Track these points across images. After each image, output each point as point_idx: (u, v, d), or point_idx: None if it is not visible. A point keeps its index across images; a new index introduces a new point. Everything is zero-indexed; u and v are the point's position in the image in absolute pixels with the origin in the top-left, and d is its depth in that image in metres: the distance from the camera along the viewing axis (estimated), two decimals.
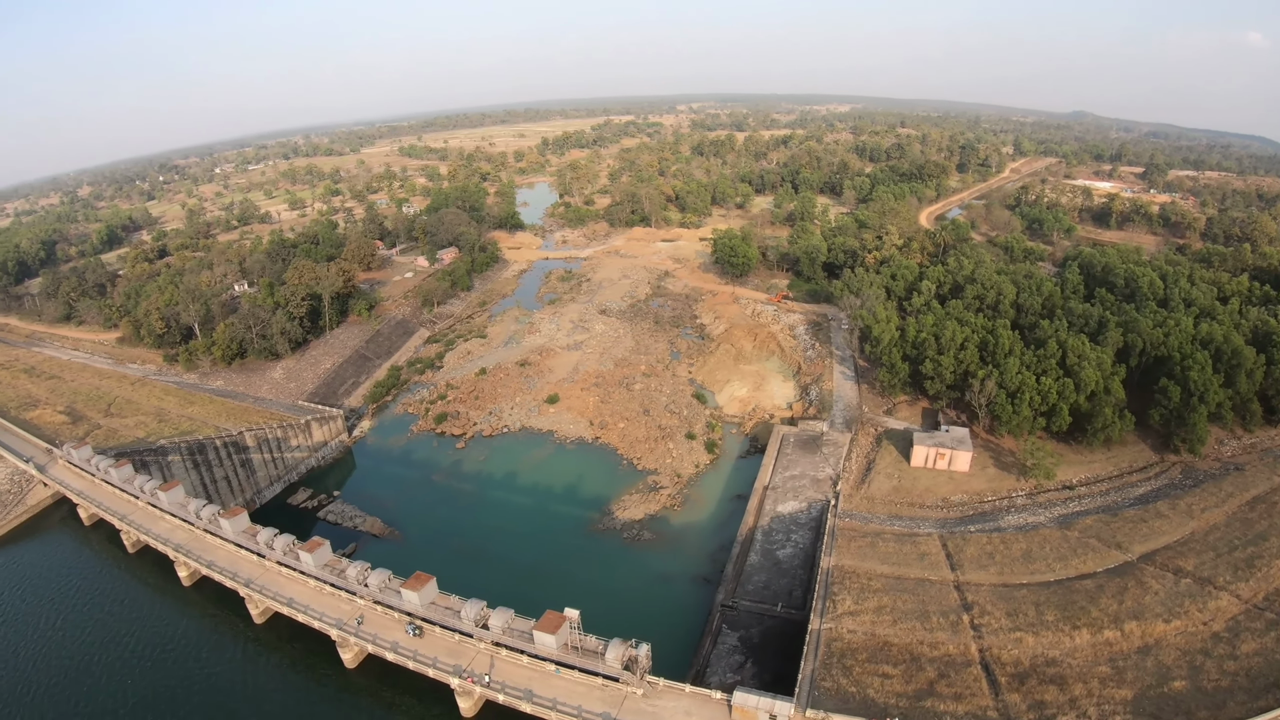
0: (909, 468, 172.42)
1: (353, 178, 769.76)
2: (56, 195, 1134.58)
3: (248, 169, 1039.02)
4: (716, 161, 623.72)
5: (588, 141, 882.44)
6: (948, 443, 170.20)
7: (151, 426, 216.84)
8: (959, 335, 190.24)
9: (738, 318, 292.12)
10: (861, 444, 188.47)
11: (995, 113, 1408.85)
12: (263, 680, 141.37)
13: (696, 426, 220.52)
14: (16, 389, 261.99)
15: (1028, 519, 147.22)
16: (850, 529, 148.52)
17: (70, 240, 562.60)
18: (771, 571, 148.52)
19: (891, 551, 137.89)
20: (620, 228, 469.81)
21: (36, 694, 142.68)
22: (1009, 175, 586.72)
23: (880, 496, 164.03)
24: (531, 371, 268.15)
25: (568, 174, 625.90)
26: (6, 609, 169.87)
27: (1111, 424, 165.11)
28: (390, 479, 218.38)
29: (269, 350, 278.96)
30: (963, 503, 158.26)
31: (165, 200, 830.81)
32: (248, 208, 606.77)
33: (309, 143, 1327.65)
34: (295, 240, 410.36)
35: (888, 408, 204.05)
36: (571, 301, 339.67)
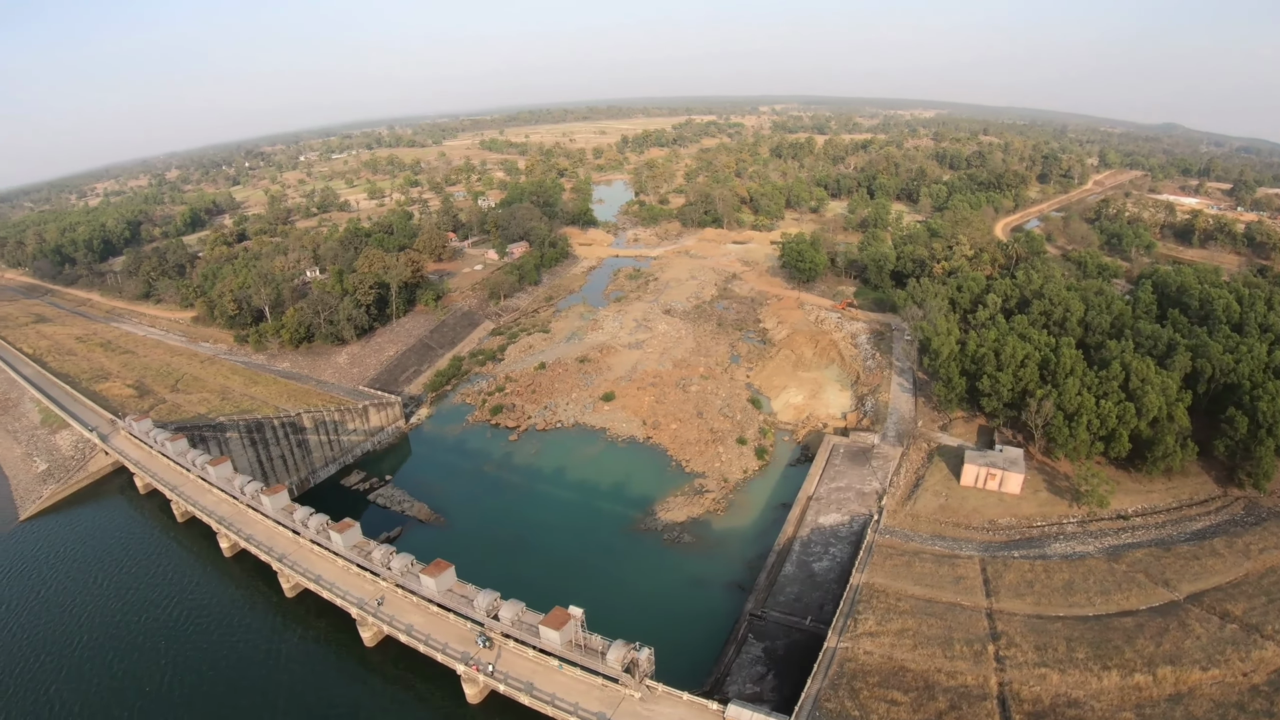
0: (958, 486, 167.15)
1: (432, 169, 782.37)
2: (145, 177, 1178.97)
3: (331, 158, 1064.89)
4: (794, 164, 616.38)
5: (667, 140, 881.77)
6: (1000, 463, 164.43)
7: (214, 404, 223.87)
8: (1019, 352, 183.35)
9: (800, 323, 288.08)
10: (912, 459, 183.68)
11: (1083, 122, 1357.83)
12: (287, 652, 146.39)
13: (749, 432, 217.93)
14: (91, 361, 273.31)
15: (1076, 547, 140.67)
16: (889, 546, 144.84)
17: (155, 221, 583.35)
18: (805, 584, 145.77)
19: (927, 572, 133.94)
20: (692, 228, 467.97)
21: (80, 646, 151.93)
22: (1091, 188, 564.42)
23: (925, 514, 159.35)
24: (590, 368, 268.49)
25: (644, 172, 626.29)
26: (62, 566, 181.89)
27: (1173, 453, 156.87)
28: (442, 467, 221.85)
29: (335, 336, 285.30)
30: (1010, 526, 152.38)
31: (249, 186, 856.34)
32: (328, 196, 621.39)
33: (393, 134, 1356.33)
34: (369, 229, 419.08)
35: (943, 423, 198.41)
36: (637, 300, 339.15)
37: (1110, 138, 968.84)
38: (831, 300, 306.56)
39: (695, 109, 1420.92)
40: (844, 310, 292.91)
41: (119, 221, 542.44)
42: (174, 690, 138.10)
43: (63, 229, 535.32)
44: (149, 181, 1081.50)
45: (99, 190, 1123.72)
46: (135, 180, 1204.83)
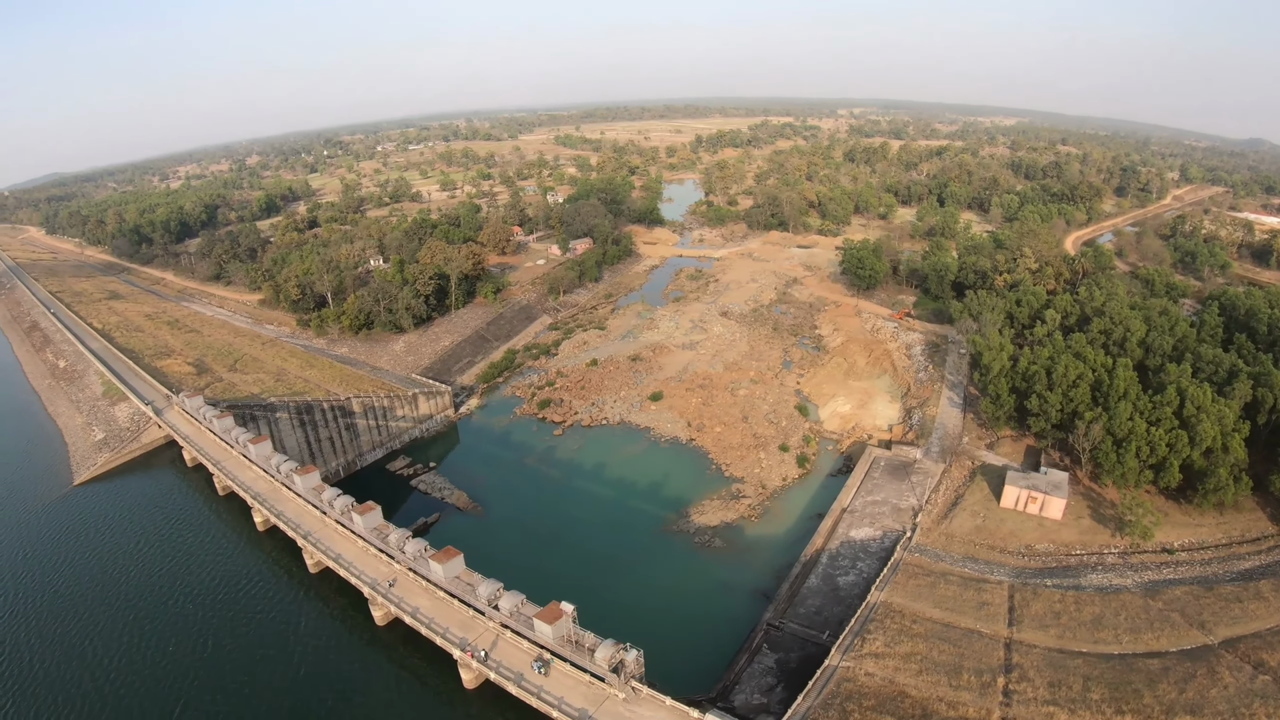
0: (997, 508, 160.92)
1: (506, 163, 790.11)
2: (227, 162, 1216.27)
3: (408, 149, 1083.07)
4: (865, 169, 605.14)
5: (742, 141, 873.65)
6: (1042, 486, 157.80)
7: (268, 384, 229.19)
8: (1072, 371, 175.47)
9: (856, 331, 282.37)
10: (954, 476, 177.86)
11: (1167, 135, 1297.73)
12: (305, 625, 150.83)
13: (792, 439, 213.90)
14: (157, 338, 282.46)
15: (1112, 580, 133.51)
16: (916, 565, 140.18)
17: (232, 206, 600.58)
18: (827, 597, 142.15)
19: (950, 595, 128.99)
20: (758, 230, 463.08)
21: (116, 604, 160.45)
22: (1170, 203, 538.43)
23: (960, 535, 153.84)
24: (641, 367, 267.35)
25: (714, 172, 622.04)
26: (108, 530, 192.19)
27: (1225, 486, 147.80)
28: (485, 457, 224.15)
29: (394, 324, 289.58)
30: (1047, 552, 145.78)
31: (327, 174, 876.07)
32: (401, 186, 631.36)
33: (470, 126, 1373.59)
34: (435, 221, 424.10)
35: (990, 441, 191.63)
36: (696, 301, 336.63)
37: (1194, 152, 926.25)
38: (890, 309, 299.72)
39: (773, 110, 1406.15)
40: (901, 320, 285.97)
41: (196, 204, 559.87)
42: (196, 651, 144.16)
43: (142, 210, 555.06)
44: (230, 167, 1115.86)
45: (181, 173, 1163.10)
46: (217, 165, 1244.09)
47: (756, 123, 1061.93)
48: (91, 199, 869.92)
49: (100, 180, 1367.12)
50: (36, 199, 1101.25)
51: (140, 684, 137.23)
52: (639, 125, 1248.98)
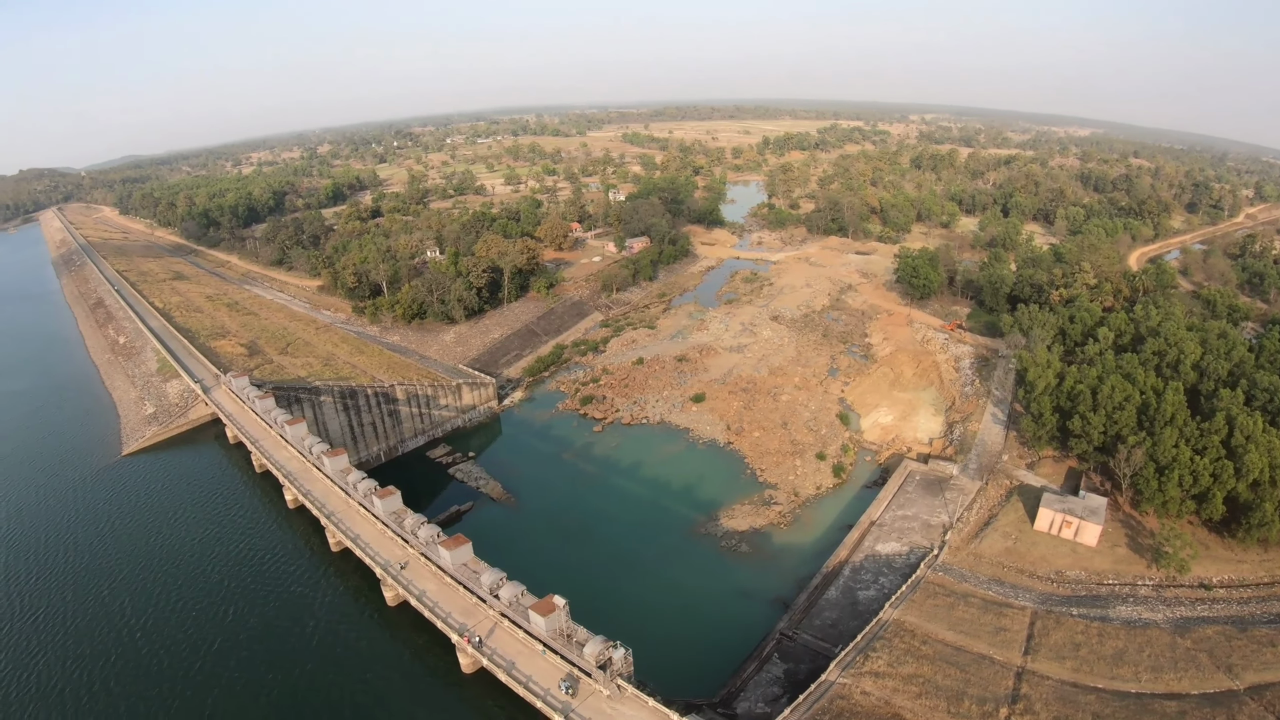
0: (1030, 530, 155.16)
1: (571, 159, 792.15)
2: (298, 150, 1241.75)
3: (477, 142, 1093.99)
4: (931, 176, 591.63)
5: (809, 144, 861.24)
6: (1078, 510, 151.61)
7: (315, 369, 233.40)
8: (1118, 393, 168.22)
9: (906, 341, 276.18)
10: (989, 495, 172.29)
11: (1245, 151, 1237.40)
12: (319, 601, 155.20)
13: (831, 448, 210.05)
14: (215, 319, 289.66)
15: (1142, 613, 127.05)
16: (938, 584, 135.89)
17: (299, 193, 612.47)
18: (844, 611, 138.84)
19: (968, 618, 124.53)
20: (817, 235, 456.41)
21: (150, 569, 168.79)
22: (1242, 221, 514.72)
23: (989, 555, 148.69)
24: (687, 367, 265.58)
25: (779, 175, 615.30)
26: (149, 499, 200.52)
27: (1271, 521, 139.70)
28: (524, 449, 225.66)
29: (445, 315, 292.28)
30: (1077, 580, 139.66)
31: (395, 164, 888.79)
32: (466, 179, 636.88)
33: (539, 122, 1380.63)
34: (495, 215, 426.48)
35: (1031, 461, 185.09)
36: (748, 304, 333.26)
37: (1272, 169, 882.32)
38: (942, 320, 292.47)
39: (843, 114, 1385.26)
40: (953, 332, 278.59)
41: (265, 190, 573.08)
42: (219, 617, 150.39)
43: (211, 194, 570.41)
44: (301, 154, 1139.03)
45: (254, 159, 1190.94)
46: (289, 152, 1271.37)
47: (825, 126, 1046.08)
48: (165, 182, 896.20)
49: (174, 164, 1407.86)
50: (112, 180, 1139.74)
51: (164, 642, 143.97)
52: (708, 125, 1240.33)
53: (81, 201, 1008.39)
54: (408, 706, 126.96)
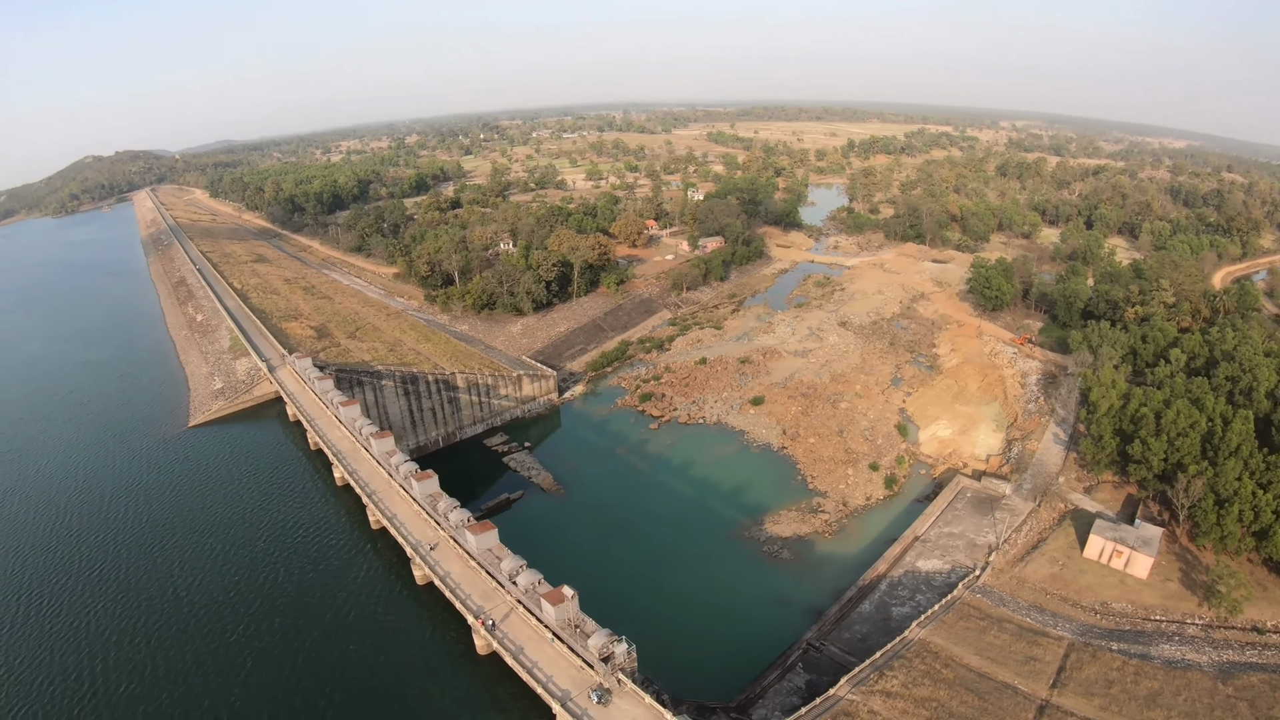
0: (1079, 557, 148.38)
1: (654, 157, 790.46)
2: (387, 140, 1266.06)
3: (562, 136, 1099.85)
4: (1015, 184, 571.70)
5: (895, 148, 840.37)
6: (1130, 539, 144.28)
7: (380, 353, 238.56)
8: (1183, 419, 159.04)
9: (974, 354, 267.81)
10: (1041, 518, 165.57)
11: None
12: (354, 575, 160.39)
13: (885, 459, 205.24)
14: (289, 302, 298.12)
15: (1186, 654, 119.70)
16: (974, 606, 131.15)
17: (384, 182, 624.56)
18: (877, 626, 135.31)
19: (999, 644, 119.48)
20: (895, 241, 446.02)
21: (201, 533, 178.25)
22: None
23: (1033, 580, 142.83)
24: (749, 369, 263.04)
25: (860, 179, 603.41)
26: (209, 469, 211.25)
27: None
28: (579, 442, 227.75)
29: (514, 306, 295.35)
30: (1122, 613, 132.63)
31: (480, 156, 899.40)
32: (549, 173, 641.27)
33: (625, 118, 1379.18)
34: (571, 210, 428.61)
35: (1089, 485, 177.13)
36: (818, 308, 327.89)
37: None
38: (1013, 334, 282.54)
39: (932, 118, 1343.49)
40: (1022, 346, 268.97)
41: (350, 179, 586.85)
42: (261, 584, 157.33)
43: (298, 181, 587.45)
44: (389, 144, 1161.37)
45: (343, 148, 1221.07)
46: (377, 142, 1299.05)
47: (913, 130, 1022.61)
48: (256, 167, 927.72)
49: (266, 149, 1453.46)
50: (204, 164, 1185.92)
51: (208, 601, 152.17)
52: (794, 126, 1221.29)
53: (174, 183, 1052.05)
54: (423, 682, 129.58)
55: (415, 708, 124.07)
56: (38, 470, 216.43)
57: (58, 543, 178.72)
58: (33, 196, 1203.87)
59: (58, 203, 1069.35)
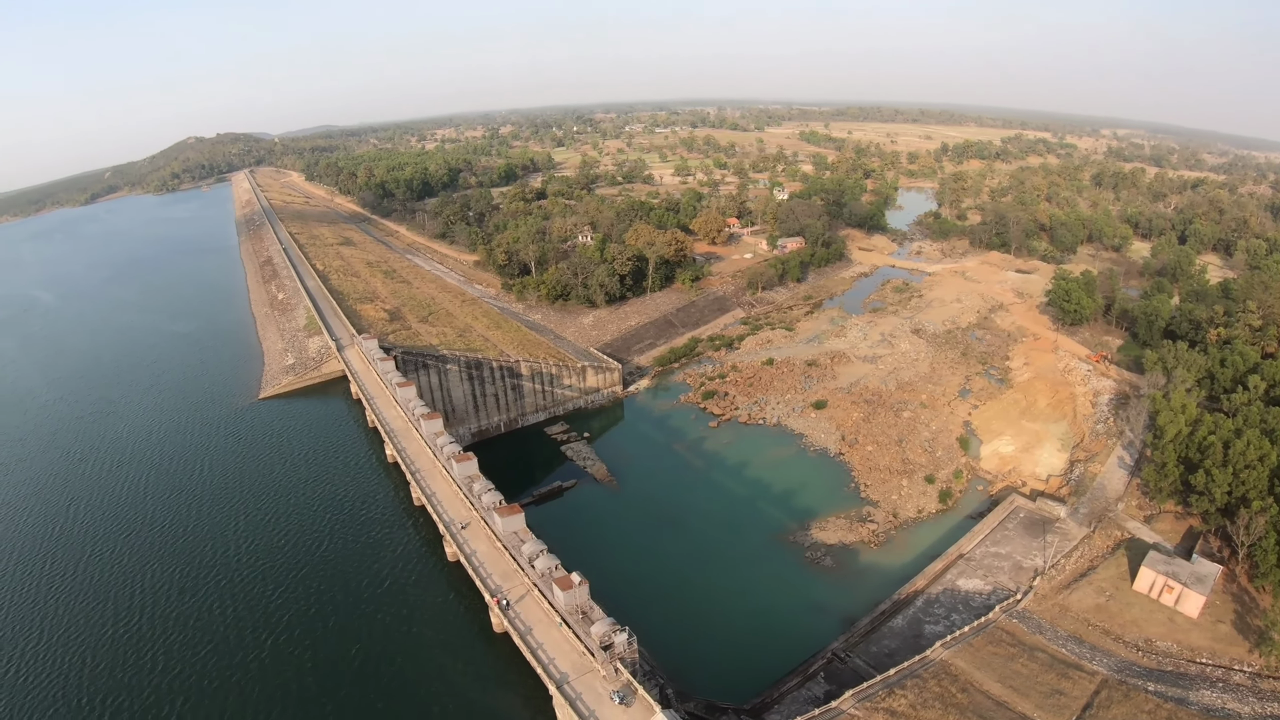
0: (1128, 589, 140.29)
1: (744, 154, 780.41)
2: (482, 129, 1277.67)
3: (655, 131, 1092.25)
4: (1109, 195, 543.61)
5: (989, 153, 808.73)
6: (1183, 575, 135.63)
7: (449, 338, 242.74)
8: (1251, 450, 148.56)
9: (1047, 369, 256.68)
10: (1095, 544, 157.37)
11: None
12: (391, 548, 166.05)
13: (943, 472, 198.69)
14: (368, 284, 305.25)
15: (1227, 703, 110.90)
16: (1008, 631, 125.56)
17: (474, 171, 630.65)
18: (906, 642, 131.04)
19: (1025, 673, 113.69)
20: (979, 249, 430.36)
21: (255, 498, 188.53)
22: None
23: (1076, 610, 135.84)
24: (815, 372, 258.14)
25: (950, 184, 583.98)
26: (273, 439, 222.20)
27: None
28: (637, 435, 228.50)
29: (587, 298, 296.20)
30: (1166, 652, 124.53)
31: (572, 149, 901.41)
32: (638, 167, 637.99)
33: (719, 115, 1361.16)
34: (653, 205, 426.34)
35: (1149, 514, 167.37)
36: (893, 314, 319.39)
37: None
38: (1090, 350, 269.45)
39: (1031, 124, 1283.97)
40: (1098, 363, 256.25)
41: (441, 167, 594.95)
42: (305, 552, 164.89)
43: (390, 167, 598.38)
44: (484, 134, 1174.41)
45: (438, 136, 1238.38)
46: (472, 131, 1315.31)
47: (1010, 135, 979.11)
48: (351, 153, 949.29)
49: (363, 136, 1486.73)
50: (302, 147, 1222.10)
51: (255, 561, 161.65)
52: (889, 128, 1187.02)
53: (272, 166, 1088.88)
54: (438, 654, 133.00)
55: (427, 678, 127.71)
56: (119, 431, 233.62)
57: (129, 499, 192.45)
58: (136, 174, 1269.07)
59: (159, 181, 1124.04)
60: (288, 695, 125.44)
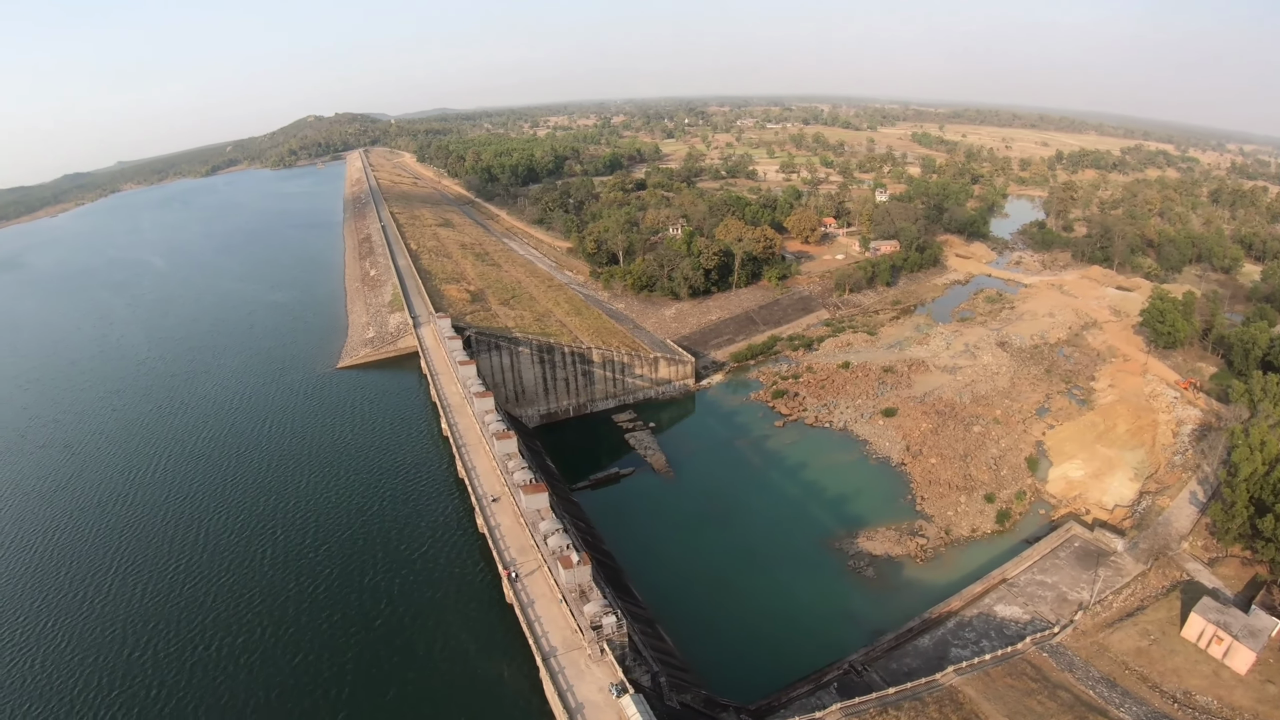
0: (1176, 635, 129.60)
1: (853, 153, 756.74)
2: (594, 118, 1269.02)
3: (766, 126, 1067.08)
4: (1225, 213, 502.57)
5: (1106, 164, 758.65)
6: (1235, 627, 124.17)
7: (526, 322, 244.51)
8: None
9: (1131, 393, 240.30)
10: (1149, 582, 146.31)
11: None
12: (430, 517, 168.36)
13: (1005, 492, 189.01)
14: (458, 265, 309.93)
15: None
16: (1035, 664, 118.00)
17: (580, 159, 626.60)
18: (928, 662, 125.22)
19: (1040, 711, 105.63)
20: (1080, 263, 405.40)
21: (316, 459, 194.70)
22: None
23: (1115, 650, 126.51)
24: (890, 379, 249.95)
25: (1059, 193, 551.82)
26: (343, 406, 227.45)
27: None
28: (702, 429, 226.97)
29: (671, 291, 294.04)
30: (1204, 708, 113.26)
31: (681, 141, 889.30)
32: (743, 162, 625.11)
33: (832, 112, 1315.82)
34: (749, 200, 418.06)
35: (1214, 557, 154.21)
36: (980, 325, 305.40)
37: None
38: (1180, 376, 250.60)
39: (1154, 135, 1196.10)
40: (1186, 390, 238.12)
41: (547, 154, 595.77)
42: (352, 514, 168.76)
43: (497, 153, 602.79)
44: (595, 122, 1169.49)
45: (551, 123, 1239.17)
46: (585, 119, 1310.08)
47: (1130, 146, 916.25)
48: (464, 136, 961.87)
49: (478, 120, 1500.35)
50: (416, 129, 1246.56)
51: (307, 521, 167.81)
52: (1005, 133, 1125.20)
53: (386, 147, 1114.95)
54: (452, 619, 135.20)
55: (437, 641, 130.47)
56: (206, 390, 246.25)
57: (205, 452, 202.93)
58: (256, 149, 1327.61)
59: (277, 156, 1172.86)
60: (315, 639, 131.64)
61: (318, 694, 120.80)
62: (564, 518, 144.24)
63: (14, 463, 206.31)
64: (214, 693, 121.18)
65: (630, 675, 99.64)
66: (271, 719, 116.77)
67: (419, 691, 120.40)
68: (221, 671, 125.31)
